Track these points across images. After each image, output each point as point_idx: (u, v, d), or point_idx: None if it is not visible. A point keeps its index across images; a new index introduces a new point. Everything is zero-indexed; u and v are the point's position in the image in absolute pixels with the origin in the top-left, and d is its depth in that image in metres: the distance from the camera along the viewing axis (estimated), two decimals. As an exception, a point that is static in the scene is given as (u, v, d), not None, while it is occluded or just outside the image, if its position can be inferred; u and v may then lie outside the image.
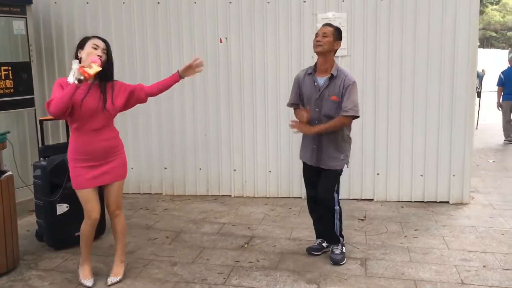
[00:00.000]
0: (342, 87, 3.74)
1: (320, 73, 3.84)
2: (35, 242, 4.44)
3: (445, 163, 5.43)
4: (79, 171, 3.40)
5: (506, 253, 4.08)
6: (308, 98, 3.87)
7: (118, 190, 3.56)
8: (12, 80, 5.50)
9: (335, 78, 3.77)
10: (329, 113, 3.78)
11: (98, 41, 3.38)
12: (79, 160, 3.39)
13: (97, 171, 3.42)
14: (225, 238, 4.53)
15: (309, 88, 3.86)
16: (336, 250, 3.98)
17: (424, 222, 4.87)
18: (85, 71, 3.07)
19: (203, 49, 5.76)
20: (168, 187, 6.09)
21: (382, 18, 5.35)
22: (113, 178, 3.50)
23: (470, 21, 5.20)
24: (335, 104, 3.76)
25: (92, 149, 3.38)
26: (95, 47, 3.33)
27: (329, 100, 3.77)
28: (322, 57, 3.79)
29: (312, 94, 3.84)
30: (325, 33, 3.75)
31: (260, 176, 5.86)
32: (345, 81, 3.75)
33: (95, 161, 3.41)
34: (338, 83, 3.75)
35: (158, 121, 5.98)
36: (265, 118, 5.73)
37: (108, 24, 5.93)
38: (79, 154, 3.39)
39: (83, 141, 3.37)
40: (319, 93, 3.80)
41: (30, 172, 5.31)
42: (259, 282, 3.61)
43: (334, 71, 3.78)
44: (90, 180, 3.41)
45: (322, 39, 3.75)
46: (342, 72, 3.81)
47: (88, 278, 3.60)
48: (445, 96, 5.33)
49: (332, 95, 3.76)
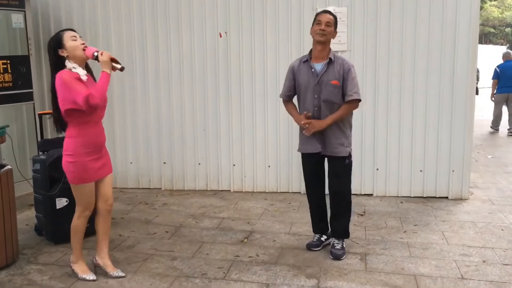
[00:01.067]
0: (342, 71, 3.74)
1: (316, 59, 3.83)
2: (34, 236, 4.43)
3: (445, 159, 5.43)
4: (89, 165, 3.38)
5: (506, 248, 4.09)
6: (306, 86, 3.84)
7: (111, 182, 3.62)
8: (10, 74, 5.48)
9: (333, 63, 3.77)
10: (329, 98, 3.77)
11: (71, 32, 3.35)
12: (87, 154, 3.37)
13: (98, 163, 3.46)
14: (225, 233, 4.53)
15: (306, 75, 3.84)
16: (337, 245, 3.97)
17: (423, 218, 4.87)
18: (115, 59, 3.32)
19: (203, 43, 5.74)
20: (167, 181, 6.08)
21: (382, 12, 5.33)
22: (109, 169, 3.58)
23: (471, 16, 5.19)
24: (335, 88, 3.75)
25: (98, 141, 3.44)
26: (74, 38, 3.31)
27: (329, 85, 3.76)
28: (322, 45, 3.78)
29: (309, 80, 3.82)
30: (329, 23, 3.74)
31: (260, 171, 5.86)
32: (344, 65, 3.76)
33: (98, 153, 3.45)
34: (337, 68, 3.75)
35: (157, 116, 5.97)
36: (265, 113, 5.72)
37: (107, 18, 5.90)
38: (87, 147, 3.37)
39: (92, 133, 3.39)
40: (318, 79, 3.78)
41: (29, 166, 5.30)
42: (259, 277, 3.61)
43: (331, 56, 3.79)
44: (96, 172, 3.45)
45: (326, 29, 3.73)
46: (339, 57, 3.84)
47: (88, 272, 3.59)
48: (445, 92, 5.33)
49: (332, 79, 3.75)
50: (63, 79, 3.19)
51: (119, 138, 6.07)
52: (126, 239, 4.39)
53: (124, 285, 3.50)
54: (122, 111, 6.00)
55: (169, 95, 5.90)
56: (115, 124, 6.00)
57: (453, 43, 5.25)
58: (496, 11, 38.50)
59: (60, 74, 3.22)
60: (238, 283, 3.51)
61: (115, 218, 4.95)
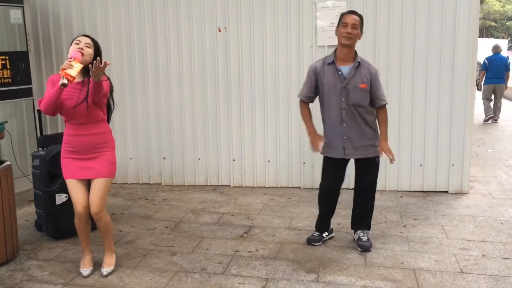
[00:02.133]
0: (369, 76, 3.70)
1: (342, 62, 3.73)
2: (34, 232, 4.44)
3: (445, 153, 5.42)
4: (67, 161, 3.46)
5: (505, 242, 4.09)
6: (331, 88, 3.74)
7: (101, 189, 3.43)
8: (9, 70, 5.47)
9: (360, 67, 3.71)
10: (358, 102, 3.71)
11: (82, 37, 3.38)
12: (67, 151, 3.46)
13: (82, 163, 3.43)
14: (224, 228, 4.54)
15: (332, 78, 3.74)
16: (363, 237, 3.99)
17: (423, 212, 4.87)
18: (67, 74, 3.05)
19: (202, 38, 5.73)
20: (167, 177, 6.08)
21: (382, 7, 5.31)
22: (96, 174, 3.43)
23: (471, 10, 5.16)
24: (364, 92, 3.70)
25: (77, 142, 3.41)
26: (78, 42, 3.32)
27: (357, 88, 3.69)
28: (349, 48, 3.71)
29: (335, 83, 3.72)
30: (355, 25, 3.66)
31: (259, 166, 5.86)
32: (371, 69, 3.73)
33: (80, 154, 3.42)
34: (364, 72, 3.70)
35: (157, 111, 5.96)
36: (264, 108, 5.71)
37: (106, 14, 5.89)
38: (67, 145, 3.46)
39: (71, 133, 3.43)
40: (345, 82, 3.70)
41: (28, 162, 5.30)
42: (259, 272, 3.61)
43: (359, 59, 3.72)
44: (75, 171, 3.43)
45: (352, 31, 3.65)
46: (365, 61, 3.79)
47: (86, 267, 3.61)
48: (445, 86, 5.31)
49: (361, 83, 3.69)
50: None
51: (119, 134, 6.06)
52: (126, 235, 4.40)
53: (124, 280, 3.51)
54: (121, 106, 5.97)
55: (168, 91, 5.89)
56: (115, 120, 5.97)
57: (453, 37, 5.22)
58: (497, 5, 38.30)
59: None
60: (237, 278, 3.51)
61: (115, 213, 4.96)
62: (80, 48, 3.27)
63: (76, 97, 3.32)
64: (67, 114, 3.37)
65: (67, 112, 3.36)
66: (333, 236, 4.21)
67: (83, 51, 3.27)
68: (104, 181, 3.46)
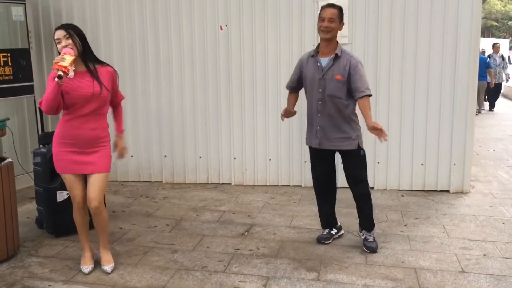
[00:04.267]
0: (348, 67, 3.69)
1: (323, 54, 3.79)
2: (35, 229, 4.44)
3: (446, 152, 5.41)
4: (63, 155, 3.41)
5: (507, 241, 4.09)
6: (311, 80, 3.82)
7: (99, 184, 3.44)
8: (11, 67, 5.47)
9: (339, 58, 3.72)
10: (334, 93, 3.73)
11: (57, 33, 3.29)
12: (64, 144, 3.40)
13: (80, 158, 3.40)
14: (225, 226, 4.53)
15: (312, 70, 3.82)
16: (369, 237, 3.97)
17: (424, 211, 4.87)
18: (60, 66, 3.08)
19: (203, 36, 5.73)
20: (168, 175, 6.08)
21: (384, 5, 5.30)
22: (95, 168, 3.43)
23: (473, 10, 5.15)
24: (339, 83, 3.72)
25: (77, 135, 3.37)
26: (58, 41, 3.28)
27: (333, 80, 3.72)
28: (328, 41, 3.74)
29: (315, 75, 3.79)
30: (332, 18, 3.67)
31: (260, 164, 5.85)
32: (351, 61, 3.70)
33: (79, 147, 3.39)
34: (343, 63, 3.70)
35: (158, 109, 5.96)
36: (265, 106, 5.71)
37: (107, 11, 5.88)
38: (64, 138, 3.39)
39: (71, 126, 3.37)
40: (323, 74, 3.75)
41: (30, 159, 5.30)
42: (260, 270, 3.61)
43: (338, 51, 3.73)
44: (72, 165, 3.41)
45: (329, 25, 3.67)
46: (346, 52, 3.78)
47: (86, 264, 3.61)
48: (446, 85, 5.30)
49: (337, 74, 3.71)
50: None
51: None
52: (126, 232, 4.40)
53: (124, 277, 3.51)
54: (123, 104, 5.95)
55: (169, 89, 5.88)
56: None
57: (455, 36, 5.21)
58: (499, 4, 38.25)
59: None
60: (238, 276, 3.51)
61: (116, 211, 4.96)
62: (63, 46, 3.23)
63: (91, 85, 3.31)
64: (76, 104, 3.30)
65: (79, 102, 3.29)
66: (343, 233, 4.21)
67: (69, 44, 3.23)
68: (104, 175, 3.48)
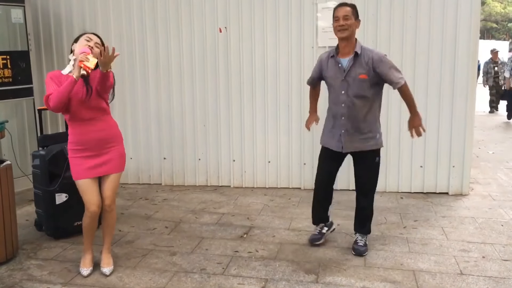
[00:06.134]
0: (371, 63, 3.59)
1: (343, 55, 3.70)
2: (34, 231, 4.44)
3: (445, 154, 5.42)
4: (77, 161, 3.42)
5: (505, 244, 4.08)
6: (333, 81, 3.74)
7: (113, 183, 3.49)
8: (10, 69, 5.47)
9: (360, 56, 3.63)
10: (360, 93, 3.65)
11: (93, 35, 3.40)
12: (76, 151, 3.42)
13: (93, 161, 3.41)
14: (224, 228, 4.53)
15: (333, 71, 3.73)
16: (360, 241, 3.93)
17: (423, 213, 4.87)
18: (86, 66, 3.11)
19: (202, 39, 5.73)
20: (168, 177, 6.08)
21: (383, 7, 5.31)
22: (109, 169, 3.46)
23: (471, 12, 5.16)
24: (364, 82, 3.63)
25: (86, 139, 3.39)
26: (88, 39, 3.34)
27: (357, 79, 3.63)
28: (346, 40, 3.65)
29: (337, 76, 3.71)
30: (347, 16, 3.59)
31: (260, 167, 5.85)
32: (374, 56, 3.60)
33: (91, 151, 3.41)
34: (366, 60, 3.61)
35: (157, 111, 5.96)
36: (265, 108, 5.71)
37: (107, 13, 5.89)
38: (75, 144, 3.42)
39: (77, 132, 3.40)
40: (345, 75, 3.66)
41: (29, 162, 5.29)
42: (258, 272, 3.61)
43: (358, 49, 3.64)
44: (87, 171, 3.41)
45: (345, 22, 3.59)
46: (367, 49, 3.68)
47: (86, 267, 3.61)
48: (445, 87, 5.31)
49: (360, 73, 3.62)
50: (46, 79, 3.35)
51: (119, 134, 6.06)
52: (126, 235, 4.39)
53: (123, 280, 3.50)
54: (122, 106, 5.98)
55: (169, 91, 5.89)
56: (115, 119, 5.95)
57: (454, 39, 5.22)
58: (499, 6, 38.28)
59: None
60: (237, 279, 3.51)
61: (115, 213, 4.96)
62: (90, 46, 3.29)
63: (82, 90, 3.33)
64: (73, 109, 3.33)
65: (73, 108, 3.33)
66: (334, 229, 4.19)
67: (93, 50, 3.28)
68: (117, 175, 3.53)
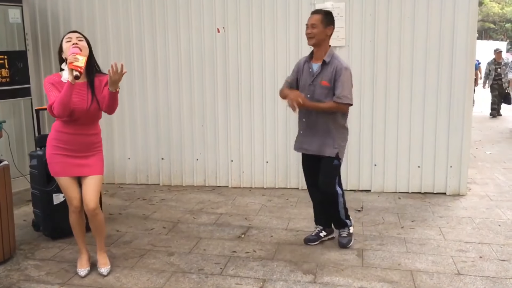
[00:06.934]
0: (334, 73, 3.73)
1: (315, 59, 3.86)
2: (31, 232, 4.43)
3: (443, 154, 5.42)
4: (57, 159, 3.41)
5: (503, 244, 4.09)
6: (303, 85, 3.90)
7: (96, 187, 3.47)
8: (8, 69, 5.46)
9: (328, 65, 3.77)
10: (319, 98, 3.79)
11: (70, 33, 3.36)
12: (57, 148, 3.41)
13: (75, 161, 3.42)
14: (222, 229, 4.53)
15: (305, 74, 3.90)
16: (343, 233, 4.05)
17: (421, 213, 4.87)
18: (76, 66, 3.10)
19: (201, 39, 5.73)
20: (165, 177, 6.08)
21: (380, 8, 5.31)
22: (92, 171, 3.47)
23: (469, 12, 5.17)
24: (325, 89, 3.76)
25: (74, 140, 3.39)
26: (68, 39, 3.31)
27: (319, 86, 3.79)
28: (317, 47, 3.81)
29: (306, 80, 3.87)
30: (314, 24, 3.74)
31: (257, 167, 5.86)
32: (338, 66, 3.73)
33: (75, 152, 3.41)
34: (330, 69, 3.75)
35: (155, 112, 5.95)
36: (262, 108, 5.71)
37: (105, 14, 5.88)
38: (60, 142, 3.40)
39: (68, 131, 3.39)
40: (312, 79, 3.82)
41: (26, 162, 5.29)
42: (256, 272, 3.61)
43: (327, 58, 3.77)
44: (70, 168, 3.42)
45: (311, 31, 3.74)
46: (336, 58, 3.80)
47: (83, 267, 3.61)
48: (443, 88, 5.31)
49: (323, 80, 3.77)
50: (44, 84, 3.36)
51: (117, 134, 6.06)
52: (123, 235, 4.39)
53: (121, 280, 3.50)
54: (120, 107, 5.85)
55: (167, 91, 5.89)
56: (113, 120, 5.98)
57: (451, 39, 5.23)
58: (497, 7, 38.36)
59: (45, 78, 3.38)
60: (234, 279, 3.51)
61: (112, 213, 4.96)
62: (74, 44, 3.26)
63: (85, 99, 3.33)
64: (77, 115, 3.33)
65: (78, 114, 3.33)
66: (333, 237, 4.21)
67: (79, 45, 3.26)
68: (100, 178, 3.53)
